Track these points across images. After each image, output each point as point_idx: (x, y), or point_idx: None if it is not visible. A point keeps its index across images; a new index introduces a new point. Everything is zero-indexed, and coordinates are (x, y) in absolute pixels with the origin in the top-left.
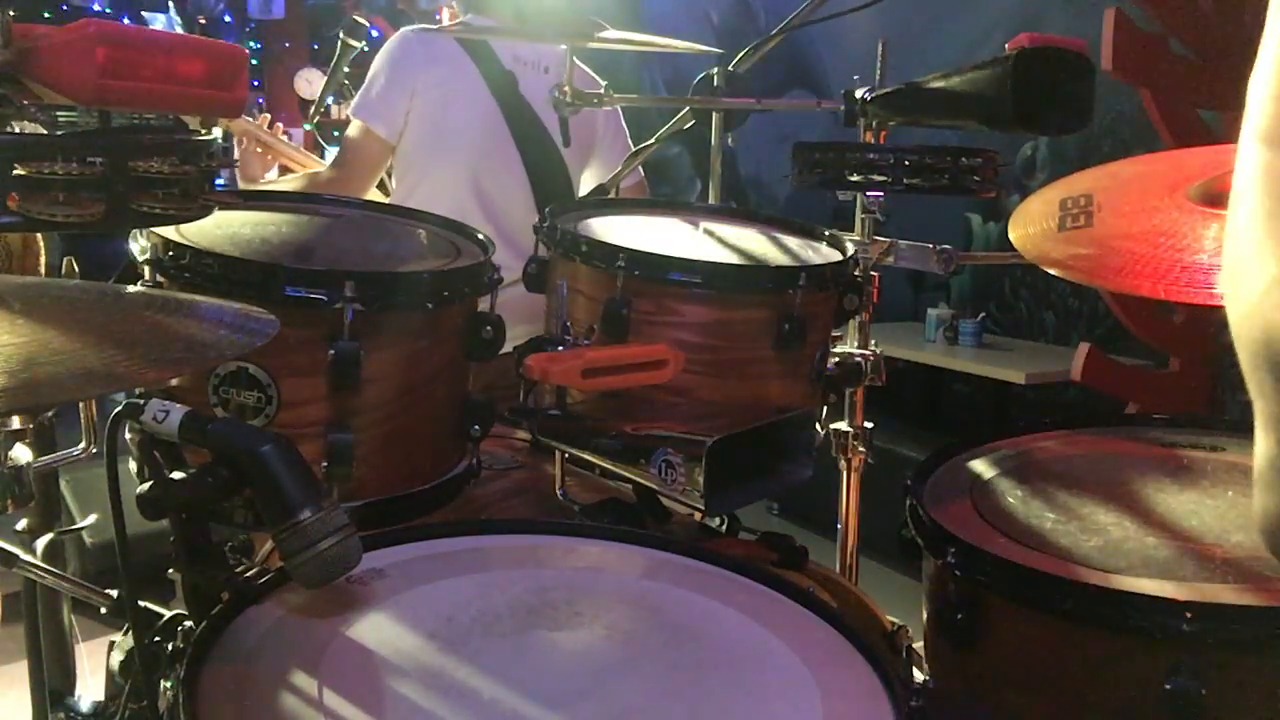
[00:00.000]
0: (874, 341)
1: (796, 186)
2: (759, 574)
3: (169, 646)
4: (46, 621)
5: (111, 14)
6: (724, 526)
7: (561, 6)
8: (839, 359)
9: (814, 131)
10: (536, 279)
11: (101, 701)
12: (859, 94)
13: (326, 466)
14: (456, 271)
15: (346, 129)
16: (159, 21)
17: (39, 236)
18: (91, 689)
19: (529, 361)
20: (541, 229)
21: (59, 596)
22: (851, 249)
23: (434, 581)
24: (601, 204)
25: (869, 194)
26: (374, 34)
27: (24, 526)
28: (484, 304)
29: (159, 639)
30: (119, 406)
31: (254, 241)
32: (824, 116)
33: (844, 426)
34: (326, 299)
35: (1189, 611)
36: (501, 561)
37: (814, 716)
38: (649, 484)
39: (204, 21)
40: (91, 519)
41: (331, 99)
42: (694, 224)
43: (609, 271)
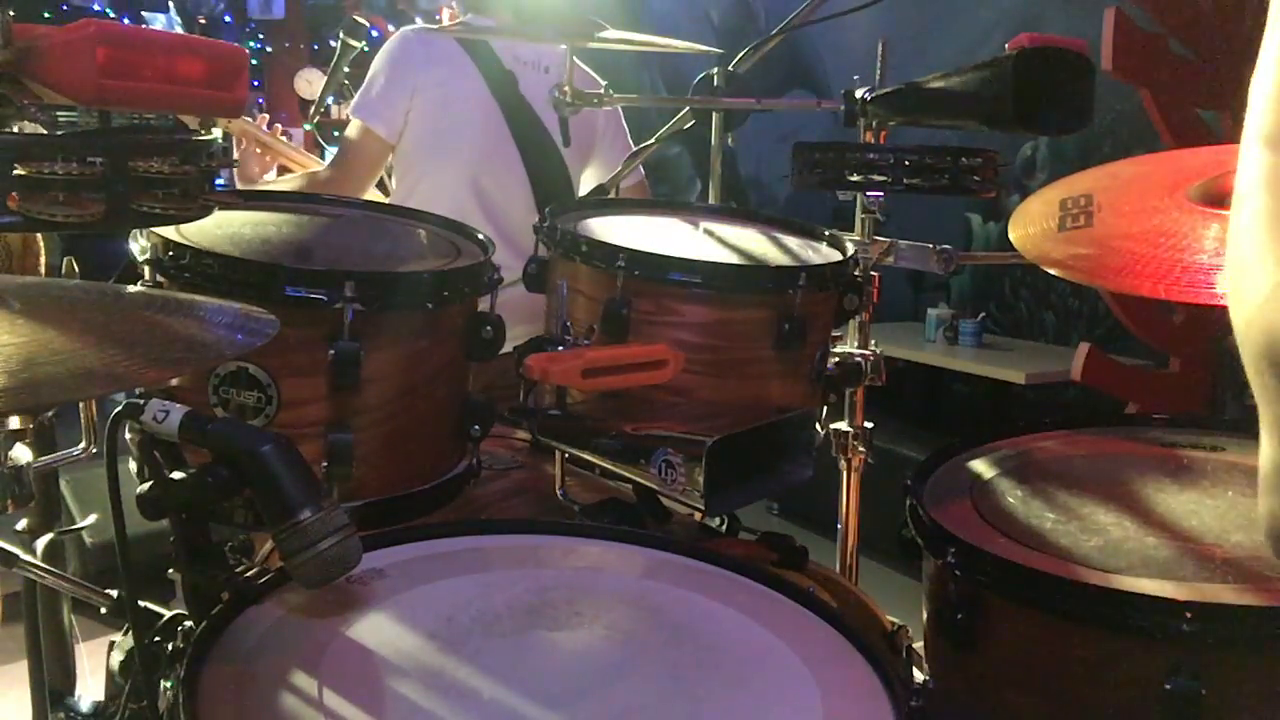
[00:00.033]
0: (874, 341)
1: (796, 186)
2: (759, 574)
3: (169, 646)
4: (46, 621)
5: (113, 15)
6: (724, 526)
7: (561, 6)
8: (839, 359)
9: (814, 131)
10: (536, 279)
11: (101, 701)
12: (859, 94)
13: (326, 466)
14: (456, 271)
15: (346, 129)
16: (159, 21)
17: (39, 236)
18: (91, 689)
19: (529, 361)
20: (541, 229)
21: (59, 596)
22: (851, 249)
23: (434, 581)
24: (601, 204)
25: (869, 194)
26: (374, 34)
27: (24, 526)
28: (484, 304)
29: (159, 639)
30: (119, 406)
31: (254, 241)
32: (824, 116)
33: (844, 426)
34: (326, 299)
35: (1189, 611)
36: (501, 561)
37: (814, 716)
38: (649, 484)
39: (204, 21)
40: (91, 519)
41: (331, 99)
42: (694, 224)
43: (609, 271)
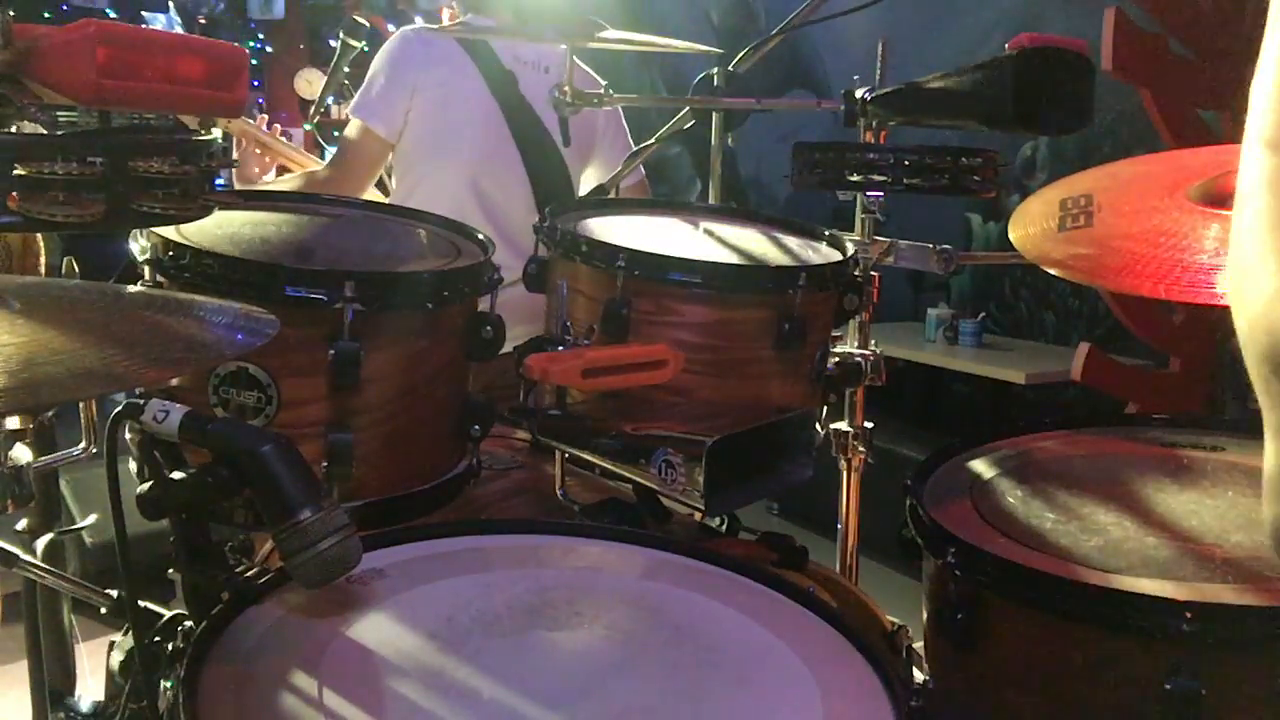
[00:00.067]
0: (874, 341)
1: (796, 186)
2: (759, 574)
3: (169, 646)
4: (46, 621)
5: (116, 15)
6: (724, 526)
7: (561, 6)
8: (839, 359)
9: (814, 131)
10: (536, 279)
11: (101, 701)
12: (859, 94)
13: (326, 466)
14: (456, 271)
15: (345, 128)
16: (159, 21)
17: (39, 236)
18: (91, 689)
19: (529, 361)
20: (541, 229)
21: (59, 596)
22: (851, 249)
23: (434, 581)
24: (601, 204)
25: (869, 194)
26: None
27: (24, 526)
28: (484, 304)
29: (159, 639)
30: (119, 406)
31: (254, 241)
32: (824, 116)
33: (844, 426)
34: (326, 299)
35: (1189, 611)
36: (502, 561)
37: (814, 716)
38: (649, 484)
39: (204, 21)
40: (91, 519)
41: (331, 99)
42: (694, 224)
43: (609, 271)
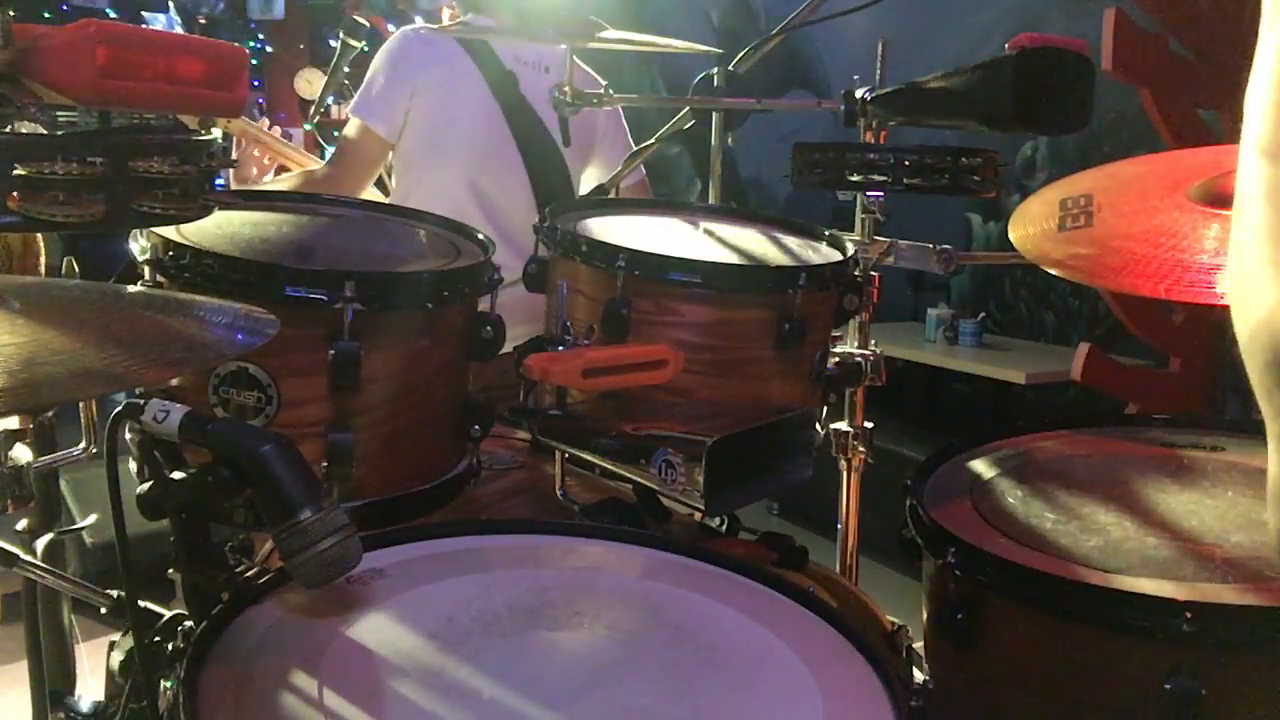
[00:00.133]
0: (874, 341)
1: (796, 186)
2: (759, 574)
3: (169, 646)
4: (46, 621)
5: (116, 15)
6: (724, 526)
7: (561, 6)
8: (839, 359)
9: (814, 131)
10: (536, 279)
11: (101, 701)
12: (859, 94)
13: (326, 466)
14: (456, 271)
15: (345, 127)
16: (159, 21)
17: (39, 236)
18: (91, 689)
19: (529, 361)
20: (541, 229)
21: (59, 596)
22: (851, 249)
23: (434, 581)
24: (601, 204)
25: (869, 194)
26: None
27: (24, 526)
28: (484, 304)
29: (159, 639)
30: (119, 406)
31: (254, 241)
32: (824, 116)
33: (844, 426)
34: (326, 299)
35: (1189, 611)
36: (502, 561)
37: (814, 716)
38: (649, 484)
39: (204, 21)
40: (91, 519)
41: (331, 99)
42: (694, 224)
43: (609, 271)
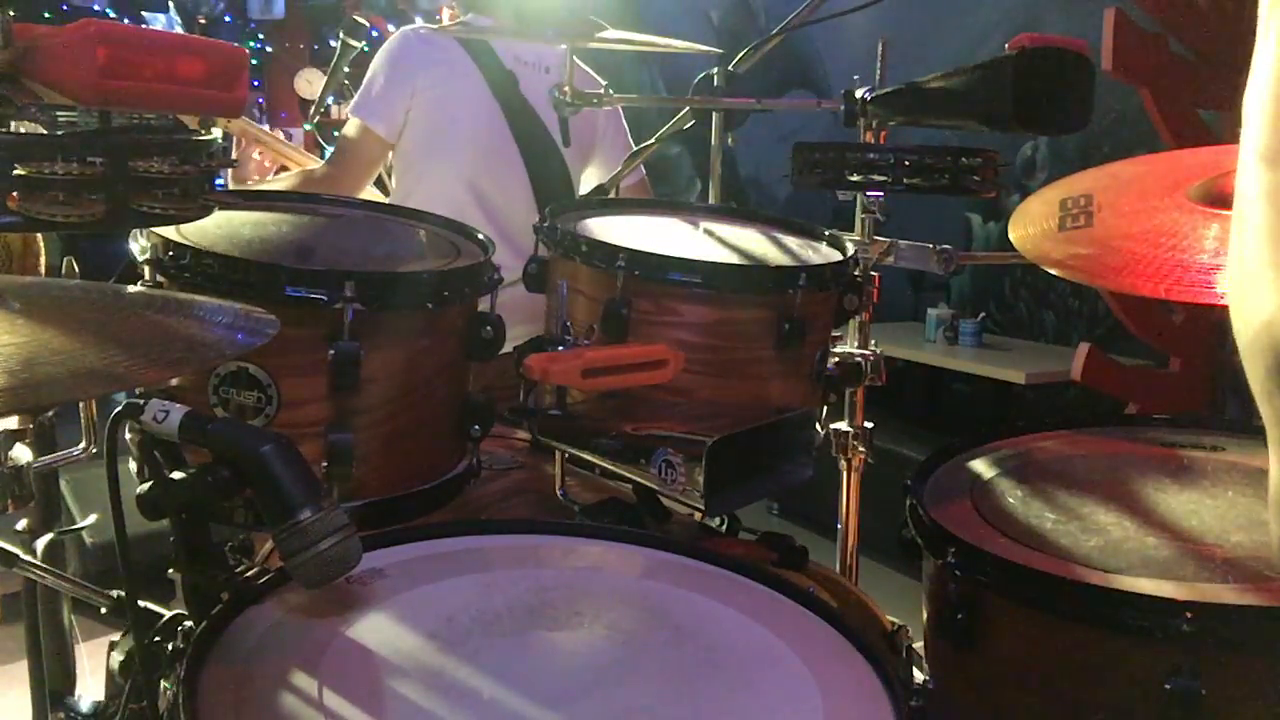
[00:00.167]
0: (874, 341)
1: (796, 186)
2: (759, 574)
3: (169, 646)
4: (46, 621)
5: (116, 15)
6: (724, 526)
7: (561, 6)
8: (839, 359)
9: (814, 131)
10: (536, 279)
11: (101, 701)
12: (859, 94)
13: (326, 466)
14: (456, 271)
15: (344, 127)
16: (159, 21)
17: (39, 236)
18: (91, 689)
19: (529, 361)
20: (541, 229)
21: (59, 596)
22: (851, 249)
23: (434, 581)
24: (601, 204)
25: (869, 194)
26: (374, 34)
27: (24, 526)
28: (484, 304)
29: (159, 639)
30: (119, 406)
31: (254, 241)
32: (824, 116)
33: (844, 426)
34: (326, 299)
35: (1189, 611)
36: (501, 561)
37: (814, 716)
38: (649, 484)
39: (204, 21)
40: (91, 519)
41: (332, 99)
42: (694, 224)
43: (609, 271)
